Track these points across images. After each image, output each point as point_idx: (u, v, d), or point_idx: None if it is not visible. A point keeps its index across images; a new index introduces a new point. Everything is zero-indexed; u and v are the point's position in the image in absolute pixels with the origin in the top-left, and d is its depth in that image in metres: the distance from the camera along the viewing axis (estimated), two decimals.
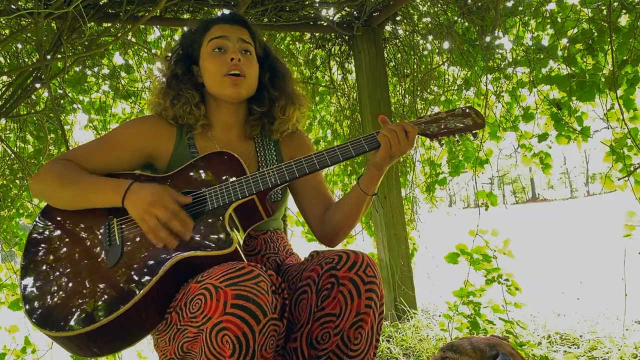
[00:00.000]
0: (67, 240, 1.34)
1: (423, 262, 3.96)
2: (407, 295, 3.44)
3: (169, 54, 1.58)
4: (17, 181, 3.28)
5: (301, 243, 3.53)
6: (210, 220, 1.29)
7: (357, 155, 1.36)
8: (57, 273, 1.27)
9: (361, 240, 3.95)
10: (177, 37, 3.43)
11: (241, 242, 1.32)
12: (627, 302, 2.64)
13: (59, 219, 1.39)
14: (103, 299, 1.18)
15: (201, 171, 1.41)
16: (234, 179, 1.36)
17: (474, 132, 1.41)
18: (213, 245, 1.23)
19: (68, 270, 1.26)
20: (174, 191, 1.31)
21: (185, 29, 1.62)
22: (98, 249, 1.30)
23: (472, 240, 2.98)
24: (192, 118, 1.51)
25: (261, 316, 1.07)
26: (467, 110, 1.43)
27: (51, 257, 1.30)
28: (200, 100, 1.52)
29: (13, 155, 3.15)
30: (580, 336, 2.80)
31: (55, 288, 1.23)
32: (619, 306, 2.76)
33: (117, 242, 1.29)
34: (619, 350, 2.46)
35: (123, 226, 1.32)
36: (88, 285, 1.22)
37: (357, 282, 1.21)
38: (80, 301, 1.19)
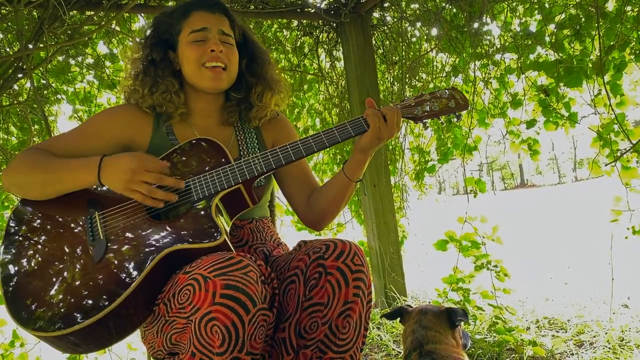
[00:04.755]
0: (47, 235, 1.29)
1: (413, 249, 3.98)
2: (397, 282, 3.46)
3: (143, 38, 1.51)
4: (1, 173, 3.22)
5: (291, 232, 3.53)
6: (196, 211, 1.27)
7: (343, 140, 1.34)
8: (39, 269, 1.23)
9: (351, 229, 3.95)
10: None
11: (228, 231, 1.31)
12: (614, 286, 2.67)
13: (37, 212, 1.34)
14: (89, 296, 1.15)
15: (183, 160, 1.38)
16: (218, 167, 1.33)
17: (457, 113, 1.41)
18: (201, 237, 1.21)
19: (50, 267, 1.23)
20: (148, 155, 1.30)
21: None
22: (81, 244, 1.26)
23: (461, 227, 2.99)
24: (172, 106, 1.46)
25: (250, 306, 1.06)
26: (451, 92, 1.42)
27: (31, 253, 1.26)
28: (180, 87, 1.48)
29: None
30: (568, 320, 2.83)
31: (38, 285, 1.20)
32: (606, 290, 2.80)
33: (101, 237, 1.25)
34: (606, 333, 2.49)
35: (106, 219, 1.29)
36: (73, 283, 1.19)
37: (344, 271, 1.20)
38: (65, 299, 1.16)
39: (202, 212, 1.26)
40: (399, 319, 1.77)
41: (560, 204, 15.49)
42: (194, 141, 1.40)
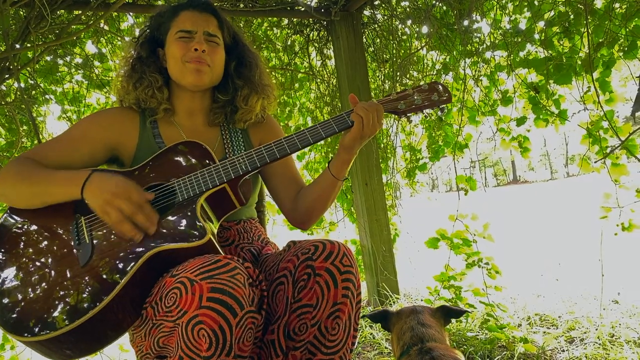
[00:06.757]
0: (34, 241, 1.29)
1: (405, 247, 3.99)
2: (389, 280, 3.46)
3: (135, 37, 1.55)
4: None
5: (283, 232, 3.51)
6: (181, 212, 1.26)
7: (328, 137, 1.34)
8: (25, 275, 1.22)
9: (343, 227, 3.95)
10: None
11: (215, 232, 1.30)
12: (604, 283, 2.69)
13: (24, 219, 1.33)
14: (74, 300, 1.14)
15: (169, 162, 1.38)
16: (203, 168, 1.33)
17: (441, 107, 1.41)
18: (186, 237, 1.20)
19: (36, 272, 1.22)
20: (137, 185, 1.27)
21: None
22: (67, 248, 1.25)
23: (452, 225, 3.00)
24: (154, 102, 1.48)
25: (238, 309, 1.05)
26: (434, 86, 1.42)
27: (18, 259, 1.25)
28: (164, 84, 1.50)
29: None
30: (559, 317, 2.85)
31: (24, 290, 1.19)
32: (596, 286, 2.81)
33: (87, 241, 1.24)
34: (597, 330, 2.51)
35: (91, 224, 1.28)
36: (58, 287, 1.18)
37: (333, 272, 1.20)
38: (50, 303, 1.15)
39: (187, 213, 1.25)
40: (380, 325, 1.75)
41: (551, 200, 15.58)
42: (179, 143, 1.41)
